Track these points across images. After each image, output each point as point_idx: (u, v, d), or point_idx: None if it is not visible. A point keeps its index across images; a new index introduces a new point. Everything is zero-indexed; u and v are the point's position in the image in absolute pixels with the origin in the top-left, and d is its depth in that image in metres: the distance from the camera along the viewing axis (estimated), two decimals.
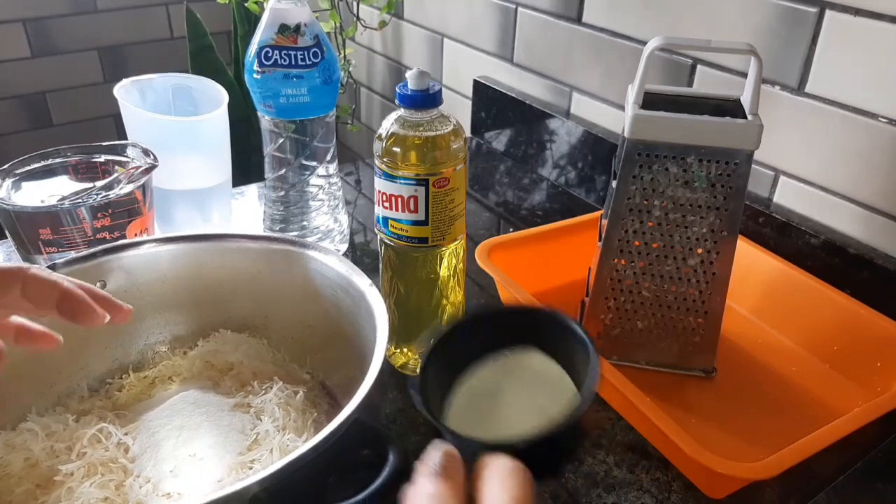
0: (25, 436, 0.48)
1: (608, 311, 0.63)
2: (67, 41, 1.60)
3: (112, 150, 0.68)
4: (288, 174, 0.73)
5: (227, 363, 0.56)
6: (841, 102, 0.68)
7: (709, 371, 0.63)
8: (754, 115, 0.55)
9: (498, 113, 1.08)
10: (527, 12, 1.00)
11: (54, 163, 0.66)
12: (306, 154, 0.71)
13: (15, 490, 0.45)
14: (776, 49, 0.71)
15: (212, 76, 0.83)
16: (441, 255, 0.57)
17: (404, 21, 1.28)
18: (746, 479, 0.50)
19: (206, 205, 0.79)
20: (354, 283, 0.52)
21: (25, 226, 0.61)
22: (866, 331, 0.62)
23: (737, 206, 0.57)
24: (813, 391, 0.62)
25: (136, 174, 0.64)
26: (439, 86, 0.53)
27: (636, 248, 0.60)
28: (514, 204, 0.95)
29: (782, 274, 0.69)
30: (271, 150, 0.72)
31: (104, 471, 0.46)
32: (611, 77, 0.90)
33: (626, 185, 0.58)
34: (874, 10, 0.63)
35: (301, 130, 0.70)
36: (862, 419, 0.52)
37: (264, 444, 0.47)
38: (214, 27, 1.43)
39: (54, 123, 1.67)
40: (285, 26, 0.66)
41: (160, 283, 0.57)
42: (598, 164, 0.92)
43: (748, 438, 0.57)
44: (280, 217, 0.75)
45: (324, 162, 0.73)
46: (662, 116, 0.56)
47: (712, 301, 0.60)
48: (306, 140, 0.71)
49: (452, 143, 0.54)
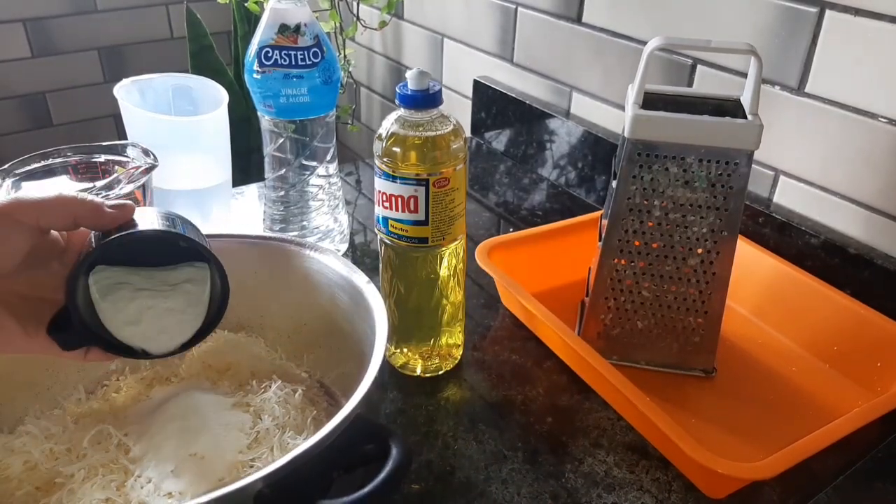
0: (24, 439, 0.48)
1: (608, 311, 0.63)
2: (67, 41, 1.60)
3: (112, 150, 0.68)
4: (288, 174, 0.73)
5: (225, 363, 0.56)
6: (841, 102, 0.68)
7: (709, 371, 0.63)
8: (754, 115, 0.55)
9: (498, 113, 1.08)
10: (527, 12, 1.00)
11: (54, 163, 0.66)
12: (306, 154, 0.72)
13: (15, 493, 0.45)
14: (776, 49, 0.71)
15: (212, 76, 0.83)
16: (441, 255, 0.57)
17: (404, 21, 1.28)
18: (746, 479, 0.50)
19: (206, 205, 0.79)
20: (352, 282, 0.52)
21: None
22: (866, 331, 0.62)
23: (737, 206, 0.57)
24: (813, 391, 0.62)
25: (136, 174, 0.64)
26: (439, 86, 0.53)
27: (636, 248, 0.60)
28: (514, 204, 0.95)
29: (782, 274, 0.69)
30: (271, 150, 0.72)
31: (105, 472, 0.45)
32: (611, 77, 0.90)
33: (626, 185, 0.58)
34: (874, 10, 0.63)
35: (301, 130, 0.70)
36: (862, 419, 0.52)
37: (265, 443, 0.47)
38: (214, 27, 1.43)
39: (54, 123, 1.67)
40: (285, 26, 0.66)
41: None
42: (598, 164, 0.92)
43: (748, 438, 0.57)
44: (280, 217, 0.75)
45: (324, 162, 0.74)
46: (662, 116, 0.56)
47: (712, 301, 0.60)
48: (306, 140, 0.71)
49: (452, 143, 0.54)
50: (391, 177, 0.54)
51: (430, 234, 0.56)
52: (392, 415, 0.58)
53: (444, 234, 0.56)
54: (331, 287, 0.55)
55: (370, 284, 0.51)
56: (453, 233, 0.57)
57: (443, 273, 0.58)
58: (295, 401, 0.51)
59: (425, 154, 0.53)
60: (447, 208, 0.55)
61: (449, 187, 0.54)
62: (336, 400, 0.55)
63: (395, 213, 0.55)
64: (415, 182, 0.53)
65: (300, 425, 0.49)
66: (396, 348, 0.62)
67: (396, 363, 0.62)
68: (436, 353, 0.62)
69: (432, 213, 0.55)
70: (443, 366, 0.63)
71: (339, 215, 0.78)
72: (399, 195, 0.54)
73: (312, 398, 0.53)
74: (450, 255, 0.58)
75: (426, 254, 0.57)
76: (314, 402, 0.53)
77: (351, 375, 0.45)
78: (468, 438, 0.56)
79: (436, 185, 0.54)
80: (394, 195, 0.54)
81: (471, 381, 0.62)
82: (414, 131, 0.53)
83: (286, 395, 0.51)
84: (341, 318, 0.54)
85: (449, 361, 0.63)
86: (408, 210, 0.54)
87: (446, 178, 0.54)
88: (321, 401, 0.54)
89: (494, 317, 0.71)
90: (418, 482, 0.52)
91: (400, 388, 0.61)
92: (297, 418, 0.50)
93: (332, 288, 0.54)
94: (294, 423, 0.49)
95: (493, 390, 0.61)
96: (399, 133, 0.53)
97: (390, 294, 0.59)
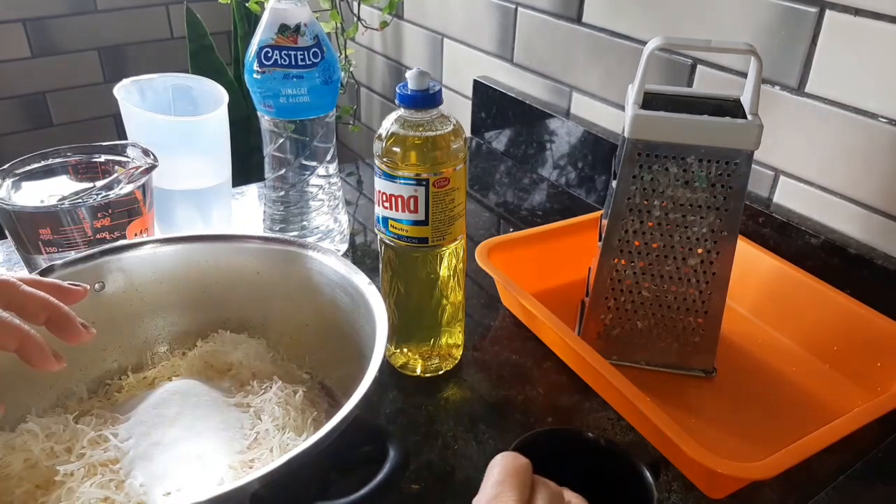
0: (25, 437, 0.47)
1: (608, 311, 0.63)
2: (67, 41, 1.60)
3: (112, 150, 0.68)
4: (288, 174, 0.73)
5: (227, 363, 0.56)
6: (841, 102, 0.68)
7: (709, 371, 0.63)
8: (754, 115, 0.55)
9: (498, 113, 1.08)
10: (527, 12, 1.00)
11: (54, 163, 0.66)
12: (306, 154, 0.71)
13: (15, 491, 0.45)
14: (776, 49, 0.71)
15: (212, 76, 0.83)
16: (441, 255, 0.57)
17: (404, 21, 1.28)
18: (746, 479, 0.50)
19: (206, 205, 0.79)
20: (353, 283, 0.52)
21: (25, 226, 0.61)
22: (866, 331, 0.62)
23: (737, 206, 0.57)
24: (813, 391, 0.62)
25: (136, 174, 0.64)
26: (439, 86, 0.53)
27: (636, 248, 0.60)
28: (514, 204, 0.95)
29: (782, 274, 0.69)
30: (271, 150, 0.72)
31: (104, 471, 0.45)
32: (611, 77, 0.90)
33: (626, 185, 0.58)
34: (874, 10, 0.63)
35: (301, 130, 0.70)
36: (862, 419, 0.52)
37: (264, 443, 0.47)
38: (214, 27, 1.43)
39: (54, 123, 1.67)
40: (285, 26, 0.66)
41: (160, 283, 0.57)
42: (598, 164, 0.92)
43: (748, 438, 0.57)
44: (280, 217, 0.75)
45: (324, 162, 0.73)
46: (662, 116, 0.56)
47: (712, 301, 0.60)
48: (306, 140, 0.71)
49: (452, 143, 0.54)
50: (391, 177, 0.54)
51: (430, 234, 0.56)
52: (392, 415, 0.58)
53: (444, 234, 0.56)
54: (332, 288, 0.55)
55: (371, 286, 0.51)
56: (453, 233, 0.57)
57: (443, 273, 0.58)
58: (295, 402, 0.51)
59: (425, 154, 0.53)
60: (447, 208, 0.55)
61: (449, 187, 0.54)
62: (337, 401, 0.55)
63: (395, 213, 0.55)
64: (415, 182, 0.53)
65: (300, 426, 0.49)
66: (396, 348, 0.62)
67: (396, 363, 0.62)
68: (436, 353, 0.62)
69: (432, 213, 0.55)
70: (443, 366, 0.63)
71: (339, 215, 0.78)
72: (399, 195, 0.54)
73: (313, 399, 0.53)
74: (450, 255, 0.58)
75: (426, 254, 0.57)
76: (315, 403, 0.53)
77: (352, 377, 0.45)
78: (468, 438, 0.56)
79: (436, 185, 0.54)
80: (394, 195, 0.54)
81: (471, 381, 0.62)
82: (414, 131, 0.53)
83: (287, 395, 0.51)
84: (343, 320, 0.54)
85: (449, 361, 0.63)
86: (408, 210, 0.54)
87: (446, 178, 0.54)
88: (322, 402, 0.54)
89: (494, 317, 0.71)
90: (418, 482, 0.52)
91: (400, 388, 0.61)
92: (297, 419, 0.50)
93: (334, 289, 0.54)
94: (294, 425, 0.49)
95: (493, 390, 0.61)
96: (399, 133, 0.53)
97: (390, 294, 0.59)
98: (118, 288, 0.56)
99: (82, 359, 0.55)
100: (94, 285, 0.54)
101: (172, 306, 0.59)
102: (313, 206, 0.75)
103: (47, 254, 0.62)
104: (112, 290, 0.55)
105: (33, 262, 0.63)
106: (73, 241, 0.62)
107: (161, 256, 0.57)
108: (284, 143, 0.71)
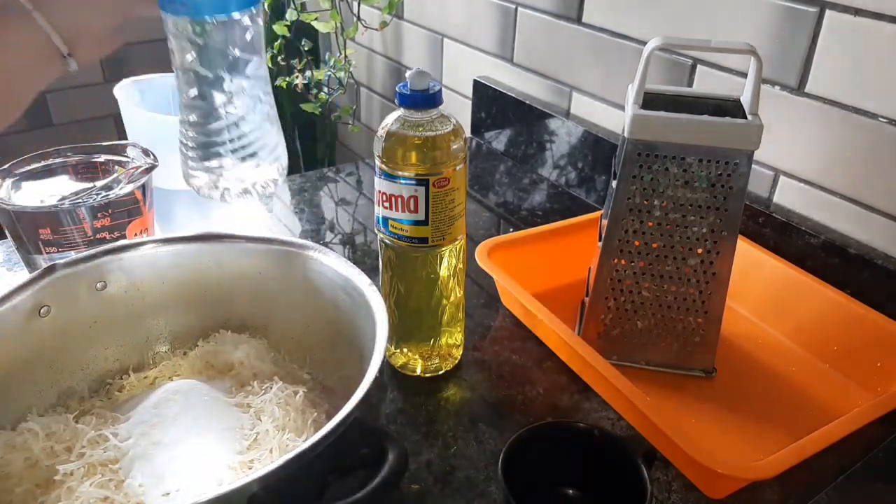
0: (26, 436, 0.48)
1: (608, 311, 0.63)
2: None
3: (112, 150, 0.68)
4: (205, 93, 0.54)
5: (227, 363, 0.56)
6: (841, 102, 0.68)
7: (709, 371, 0.63)
8: (754, 115, 0.55)
9: (498, 113, 1.08)
10: (527, 12, 1.00)
11: (54, 163, 0.66)
12: (226, 67, 0.54)
13: (15, 490, 0.45)
14: (776, 49, 0.71)
15: None
16: (441, 255, 0.57)
17: (404, 21, 1.28)
18: (746, 479, 0.50)
19: (206, 205, 0.79)
20: (354, 283, 0.52)
21: (25, 226, 0.61)
22: (866, 331, 0.62)
23: (737, 206, 0.57)
24: (813, 391, 0.62)
25: (136, 174, 0.64)
26: (439, 86, 0.53)
27: (636, 248, 0.60)
28: (514, 204, 0.95)
29: (782, 274, 0.69)
30: (185, 64, 0.54)
31: (104, 470, 0.46)
32: (611, 77, 0.91)
33: (626, 185, 0.58)
34: (874, 10, 0.63)
35: (218, 36, 0.52)
36: (862, 419, 0.52)
37: (264, 444, 0.47)
38: None
39: (54, 123, 1.66)
40: None
41: (160, 283, 0.57)
42: (598, 164, 0.92)
43: (748, 438, 0.57)
44: (198, 156, 0.55)
45: (248, 76, 0.54)
46: (662, 116, 0.56)
47: (712, 301, 0.60)
48: (226, 49, 0.53)
49: (452, 143, 0.54)
50: (391, 177, 0.54)
51: (430, 234, 0.56)
52: (392, 415, 0.58)
53: (444, 234, 0.56)
54: (333, 288, 0.55)
55: (372, 287, 0.51)
56: (453, 233, 0.57)
57: (443, 273, 0.58)
58: (296, 402, 0.51)
59: (425, 154, 0.53)
60: (447, 208, 0.55)
61: (449, 187, 0.54)
62: (338, 402, 0.55)
63: (395, 213, 0.55)
64: (415, 182, 0.53)
65: (300, 427, 0.49)
66: (396, 348, 0.62)
67: (396, 363, 0.62)
68: (436, 353, 0.62)
69: (432, 213, 0.55)
70: (443, 366, 0.63)
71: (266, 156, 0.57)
72: (399, 195, 0.54)
73: (314, 400, 0.53)
74: (450, 255, 0.58)
75: (426, 254, 0.57)
76: (315, 404, 0.53)
77: (352, 377, 0.45)
78: (468, 438, 0.56)
79: (436, 185, 0.54)
80: (394, 195, 0.54)
81: (471, 381, 0.62)
82: (414, 131, 0.53)
83: (287, 396, 0.51)
84: (343, 320, 0.54)
85: (449, 361, 0.63)
86: (408, 210, 0.54)
87: (446, 178, 0.54)
88: (322, 403, 0.54)
89: (494, 317, 0.71)
90: (418, 482, 0.52)
91: (400, 388, 0.61)
92: (297, 420, 0.50)
93: (335, 289, 0.54)
94: (294, 425, 0.49)
95: (493, 390, 0.61)
96: (399, 133, 0.53)
97: (390, 294, 0.59)
98: (119, 287, 0.56)
99: (84, 358, 0.55)
100: (96, 285, 0.54)
101: (173, 306, 0.59)
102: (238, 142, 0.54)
103: (47, 254, 0.62)
104: (113, 289, 0.55)
105: (33, 262, 0.63)
106: (73, 241, 0.62)
107: (162, 256, 0.57)
108: (201, 51, 0.53)
